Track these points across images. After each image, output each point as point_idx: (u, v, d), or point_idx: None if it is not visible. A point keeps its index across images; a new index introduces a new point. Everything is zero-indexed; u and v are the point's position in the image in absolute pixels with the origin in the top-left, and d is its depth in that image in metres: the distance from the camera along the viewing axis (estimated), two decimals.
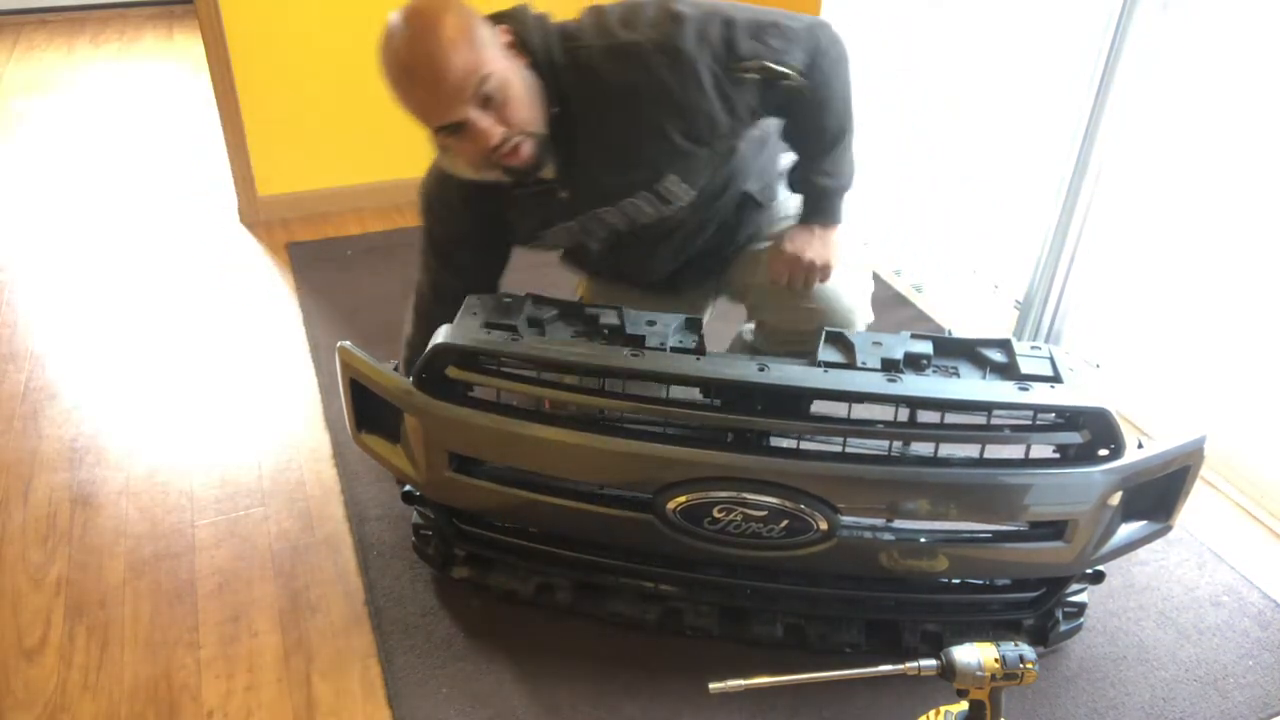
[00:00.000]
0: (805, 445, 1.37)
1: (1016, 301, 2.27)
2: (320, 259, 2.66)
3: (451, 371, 1.41)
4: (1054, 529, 1.39)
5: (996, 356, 1.39)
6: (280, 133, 2.75)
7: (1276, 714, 1.46)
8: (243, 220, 2.85)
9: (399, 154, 2.90)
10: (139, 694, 1.46)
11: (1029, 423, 1.35)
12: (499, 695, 1.45)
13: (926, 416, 1.35)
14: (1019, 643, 1.28)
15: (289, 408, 2.08)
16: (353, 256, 2.67)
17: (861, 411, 1.36)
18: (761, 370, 1.32)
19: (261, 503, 1.82)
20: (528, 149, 1.34)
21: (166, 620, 1.58)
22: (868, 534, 1.39)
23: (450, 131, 1.33)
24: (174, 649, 1.53)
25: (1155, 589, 1.66)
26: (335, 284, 2.54)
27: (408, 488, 1.61)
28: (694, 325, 1.43)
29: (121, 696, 1.46)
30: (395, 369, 1.48)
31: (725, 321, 1.90)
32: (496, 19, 1.37)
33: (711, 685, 1.27)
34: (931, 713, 1.36)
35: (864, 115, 1.60)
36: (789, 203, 1.69)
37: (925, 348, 1.38)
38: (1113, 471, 1.33)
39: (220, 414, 2.06)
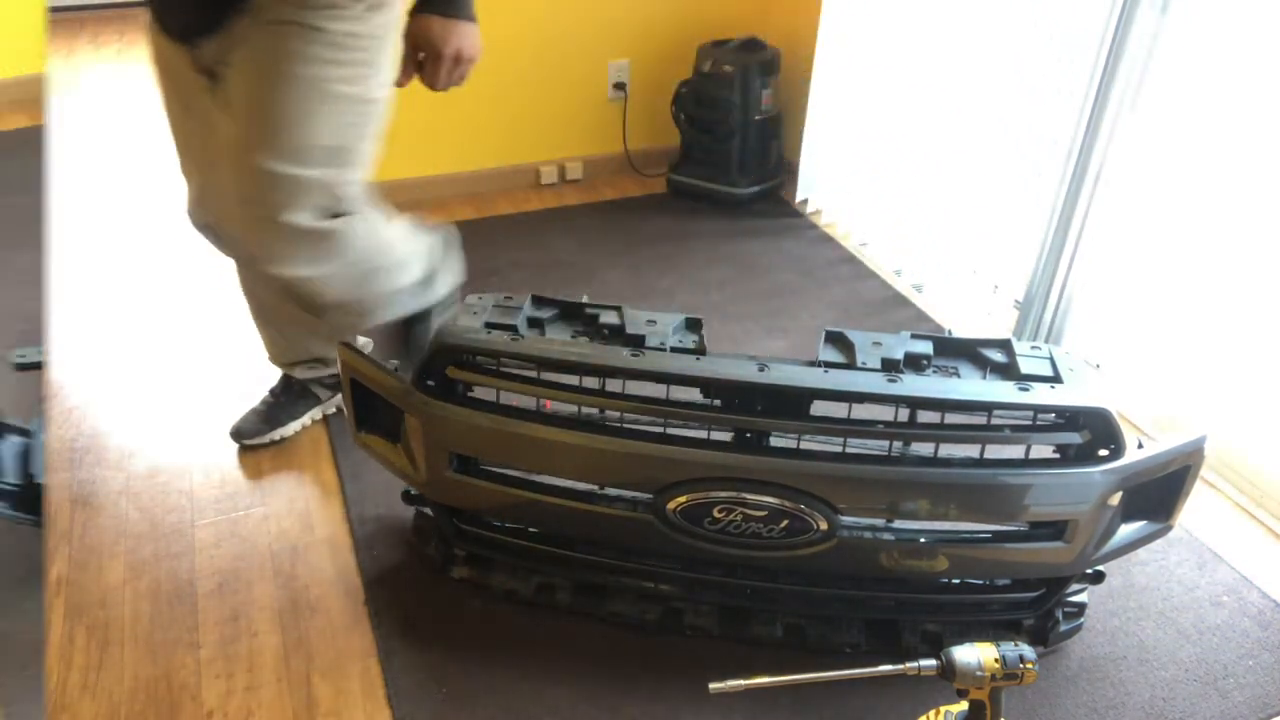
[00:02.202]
0: (805, 445, 1.37)
1: (1016, 301, 2.28)
2: None
3: (451, 371, 1.41)
4: (1054, 529, 1.39)
5: (996, 357, 1.39)
6: None
7: (1276, 714, 1.46)
8: None
9: (399, 154, 2.90)
10: (139, 694, 1.46)
11: (1029, 423, 1.35)
12: (499, 695, 1.45)
13: (926, 416, 1.35)
14: (1019, 643, 1.28)
15: None
16: None
17: (861, 411, 1.35)
18: (762, 370, 1.32)
19: (261, 503, 1.82)
20: None
21: (166, 620, 1.58)
22: (868, 534, 1.39)
23: None
24: (174, 649, 1.53)
25: (1155, 589, 1.66)
26: None
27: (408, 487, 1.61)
28: (694, 325, 1.43)
29: (122, 697, 1.46)
30: (396, 369, 1.48)
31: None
32: None
33: (712, 686, 1.27)
34: (931, 713, 1.36)
35: (864, 116, 1.62)
36: None
37: (925, 348, 1.38)
38: (1113, 472, 1.33)
39: (220, 413, 2.06)
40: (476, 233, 2.81)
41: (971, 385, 1.34)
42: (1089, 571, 1.50)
